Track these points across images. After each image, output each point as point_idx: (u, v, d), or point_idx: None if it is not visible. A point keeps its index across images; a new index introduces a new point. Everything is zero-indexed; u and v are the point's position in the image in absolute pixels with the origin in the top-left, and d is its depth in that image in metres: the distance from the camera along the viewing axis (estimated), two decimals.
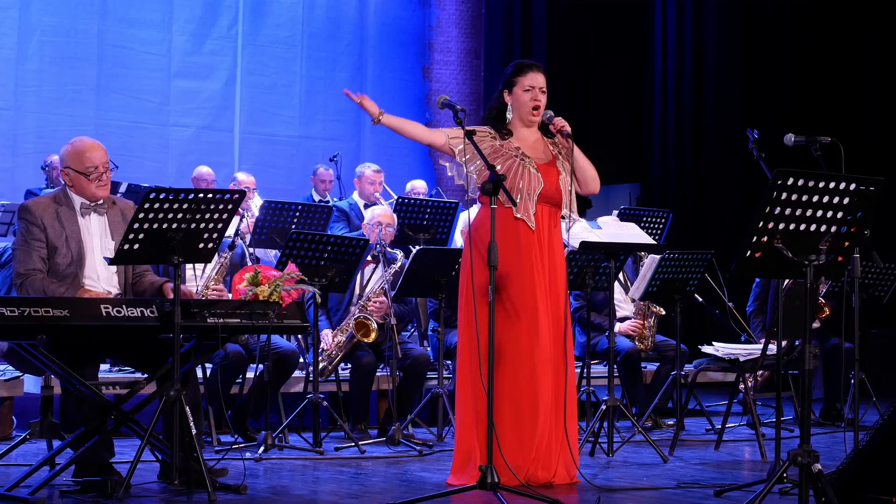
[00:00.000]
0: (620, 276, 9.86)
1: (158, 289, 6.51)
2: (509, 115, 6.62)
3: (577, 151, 6.60)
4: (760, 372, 9.39)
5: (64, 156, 6.53)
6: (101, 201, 6.54)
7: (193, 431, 5.89)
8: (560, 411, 6.51)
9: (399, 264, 8.94)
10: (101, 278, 6.48)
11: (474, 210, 6.78)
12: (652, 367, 10.01)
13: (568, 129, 6.53)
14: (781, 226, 5.35)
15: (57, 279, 6.33)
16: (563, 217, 6.64)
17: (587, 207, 14.62)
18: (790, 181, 5.28)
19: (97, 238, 6.50)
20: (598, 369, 10.06)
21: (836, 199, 5.39)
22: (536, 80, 6.59)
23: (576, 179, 6.63)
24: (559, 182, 6.54)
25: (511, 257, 6.39)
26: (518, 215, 6.44)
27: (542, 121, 6.62)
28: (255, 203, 10.98)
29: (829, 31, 14.23)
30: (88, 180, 6.45)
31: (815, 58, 14.31)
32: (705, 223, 14.56)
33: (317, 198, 12.75)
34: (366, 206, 11.09)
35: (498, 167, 6.40)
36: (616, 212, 10.74)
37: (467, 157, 6.49)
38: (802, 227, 5.39)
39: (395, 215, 9.60)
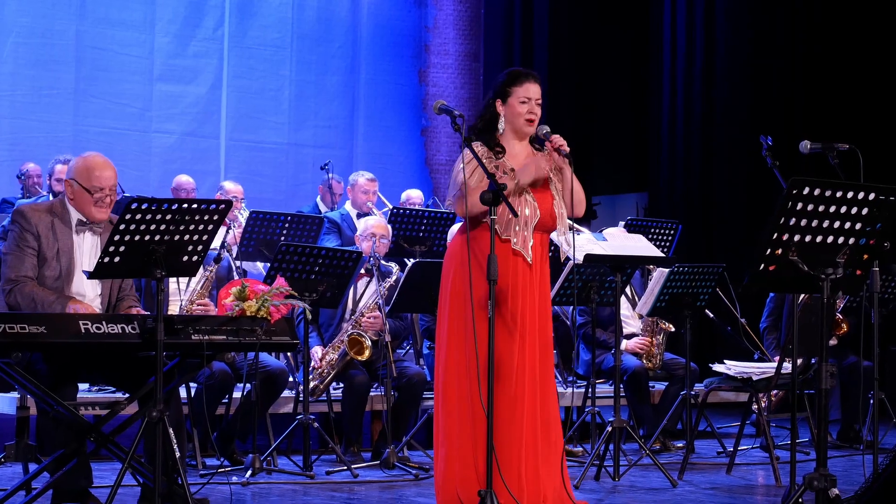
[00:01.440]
0: (627, 290, 9.86)
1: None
2: (501, 127, 6.52)
3: (570, 173, 6.51)
4: (774, 392, 9.39)
5: (72, 167, 6.54)
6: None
7: (177, 454, 5.88)
8: (547, 435, 6.47)
9: (394, 278, 8.94)
10: (86, 298, 6.48)
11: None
12: (660, 386, 10.01)
13: (566, 148, 6.41)
14: (797, 237, 5.36)
15: None
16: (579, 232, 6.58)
17: (592, 218, 14.63)
18: (806, 190, 5.29)
19: (88, 257, 6.49)
20: (604, 388, 10.06)
21: (854, 210, 5.40)
22: (533, 90, 6.47)
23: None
24: (553, 208, 6.48)
25: (505, 287, 6.32)
26: (517, 248, 6.38)
27: (537, 135, 6.51)
28: (242, 214, 10.98)
29: (843, 31, 14.24)
30: (91, 198, 6.47)
31: (829, 60, 14.31)
32: (716, 235, 14.55)
33: (323, 209, 12.74)
34: (359, 217, 11.10)
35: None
36: (622, 223, 10.74)
37: (467, 169, 6.42)
38: (819, 238, 5.39)
39: (389, 226, 9.60)
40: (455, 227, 9.08)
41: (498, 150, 6.45)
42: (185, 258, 5.94)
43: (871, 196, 5.40)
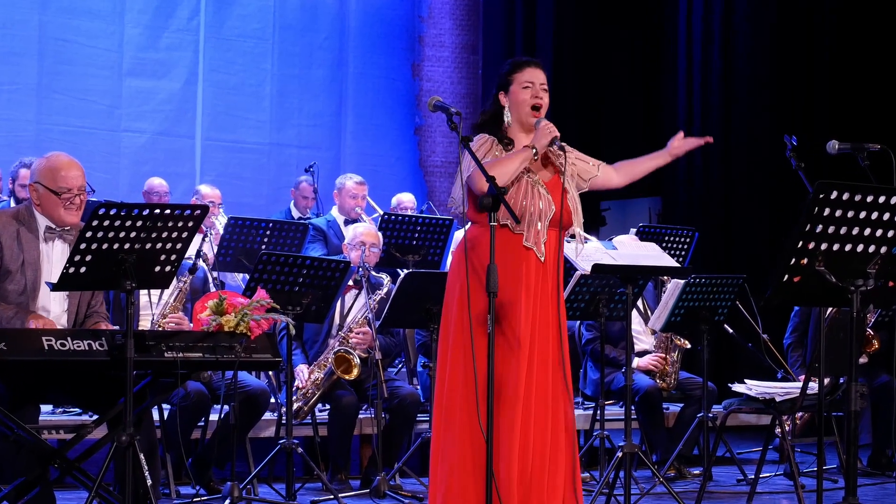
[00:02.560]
0: (639, 303, 9.87)
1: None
2: (507, 119, 6.56)
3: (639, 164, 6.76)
4: (799, 414, 9.39)
5: (36, 170, 6.56)
6: (68, 227, 6.55)
7: (149, 482, 5.88)
8: (557, 459, 6.46)
9: (385, 290, 8.95)
10: (52, 314, 6.48)
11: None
12: (675, 408, 10.02)
13: (556, 132, 6.48)
14: (824, 246, 5.36)
15: None
16: (571, 237, 6.59)
17: (601, 225, 14.62)
18: (833, 195, 5.29)
19: (57, 268, 6.48)
20: (614, 410, 10.06)
21: (886, 216, 5.40)
22: (536, 75, 6.54)
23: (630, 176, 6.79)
24: (568, 202, 6.50)
25: (513, 289, 6.32)
26: (528, 244, 6.39)
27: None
28: (219, 220, 10.98)
29: (871, 22, 14.24)
30: (59, 200, 6.47)
31: (858, 53, 14.32)
32: (736, 243, 14.57)
33: (296, 214, 12.74)
34: (346, 224, 11.10)
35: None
36: (634, 230, 10.75)
37: (463, 164, 6.45)
38: (848, 247, 5.39)
39: (380, 234, 9.60)
40: (459, 234, 9.07)
41: (506, 142, 6.50)
42: (158, 268, 5.94)
43: None
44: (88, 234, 5.67)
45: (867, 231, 5.38)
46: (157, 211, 5.79)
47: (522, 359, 6.31)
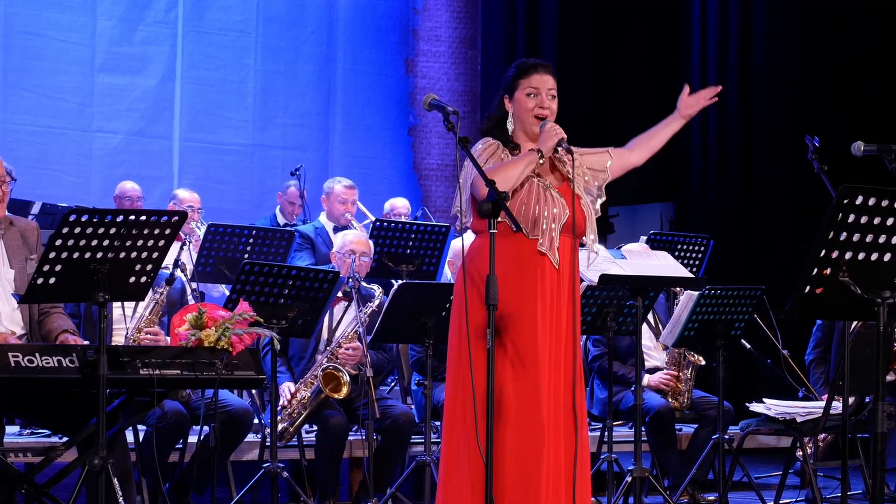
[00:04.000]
0: (650, 317, 9.87)
1: (54, 339, 6.49)
2: (510, 126, 6.58)
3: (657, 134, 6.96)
4: (822, 435, 9.40)
5: None
6: None
7: None
8: (571, 484, 6.48)
9: (377, 302, 8.95)
10: (3, 315, 6.48)
11: (469, 237, 6.72)
12: (689, 429, 10.02)
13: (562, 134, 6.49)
14: (848, 255, 5.36)
15: None
16: (582, 245, 6.60)
17: (609, 233, 14.62)
18: (858, 200, 5.29)
19: None
20: (623, 431, 10.06)
21: None
22: (543, 81, 6.54)
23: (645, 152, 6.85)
24: (582, 207, 6.51)
25: (528, 298, 6.34)
26: (543, 249, 6.41)
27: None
28: (199, 227, 10.97)
29: None
30: None
31: (887, 48, 14.32)
32: (754, 252, 14.57)
33: (282, 221, 12.73)
34: (335, 231, 11.08)
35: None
36: (644, 237, 10.75)
37: (465, 171, 6.46)
38: (874, 256, 5.39)
39: (371, 242, 9.60)
40: (456, 243, 9.06)
41: (512, 146, 6.52)
42: (133, 279, 5.94)
43: None
44: (58, 243, 5.66)
45: (895, 239, 5.39)
46: (133, 217, 5.79)
47: (542, 376, 6.30)
